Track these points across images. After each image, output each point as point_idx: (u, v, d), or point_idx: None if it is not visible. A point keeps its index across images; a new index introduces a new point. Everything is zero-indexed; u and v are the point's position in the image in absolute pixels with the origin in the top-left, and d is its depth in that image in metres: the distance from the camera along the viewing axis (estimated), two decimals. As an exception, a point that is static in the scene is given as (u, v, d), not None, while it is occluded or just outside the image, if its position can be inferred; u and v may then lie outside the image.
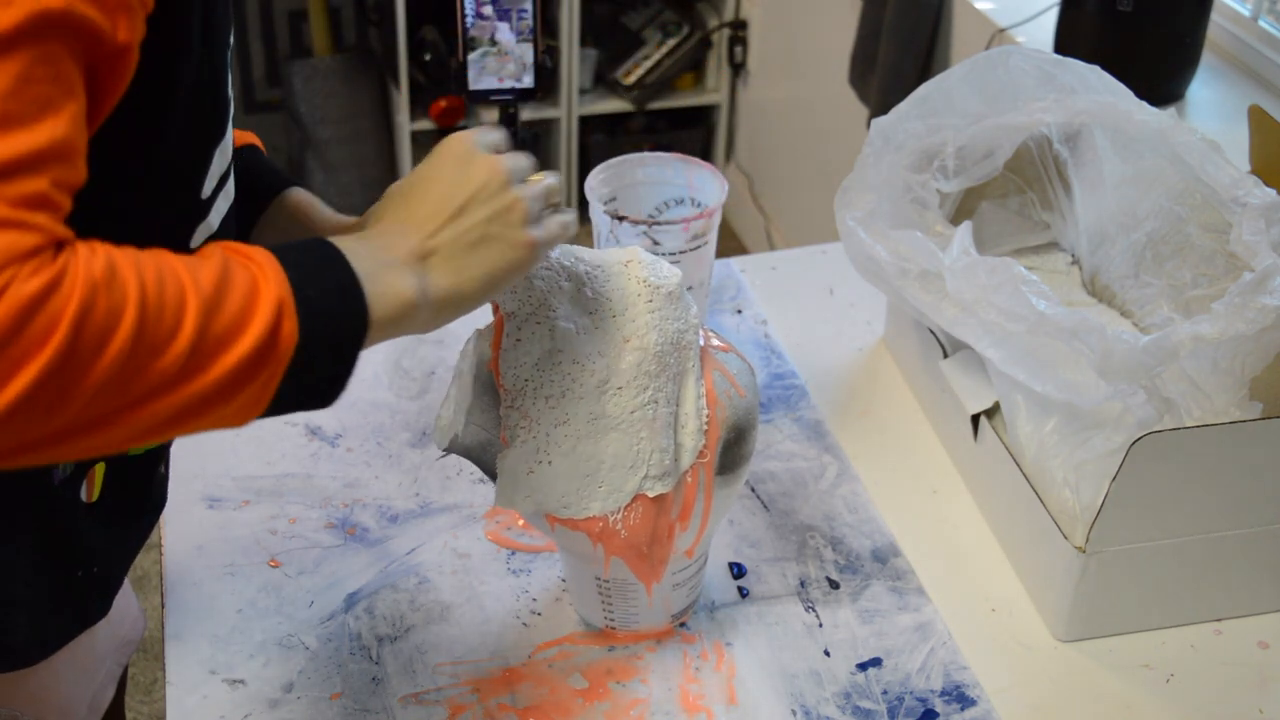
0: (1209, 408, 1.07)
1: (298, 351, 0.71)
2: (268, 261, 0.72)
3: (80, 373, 0.62)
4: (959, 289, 1.08)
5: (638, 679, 1.04)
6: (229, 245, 0.74)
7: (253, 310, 0.69)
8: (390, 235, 0.81)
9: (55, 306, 0.61)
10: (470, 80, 2.12)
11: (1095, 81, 1.24)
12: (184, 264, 0.69)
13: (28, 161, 0.62)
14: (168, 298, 0.65)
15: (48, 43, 0.63)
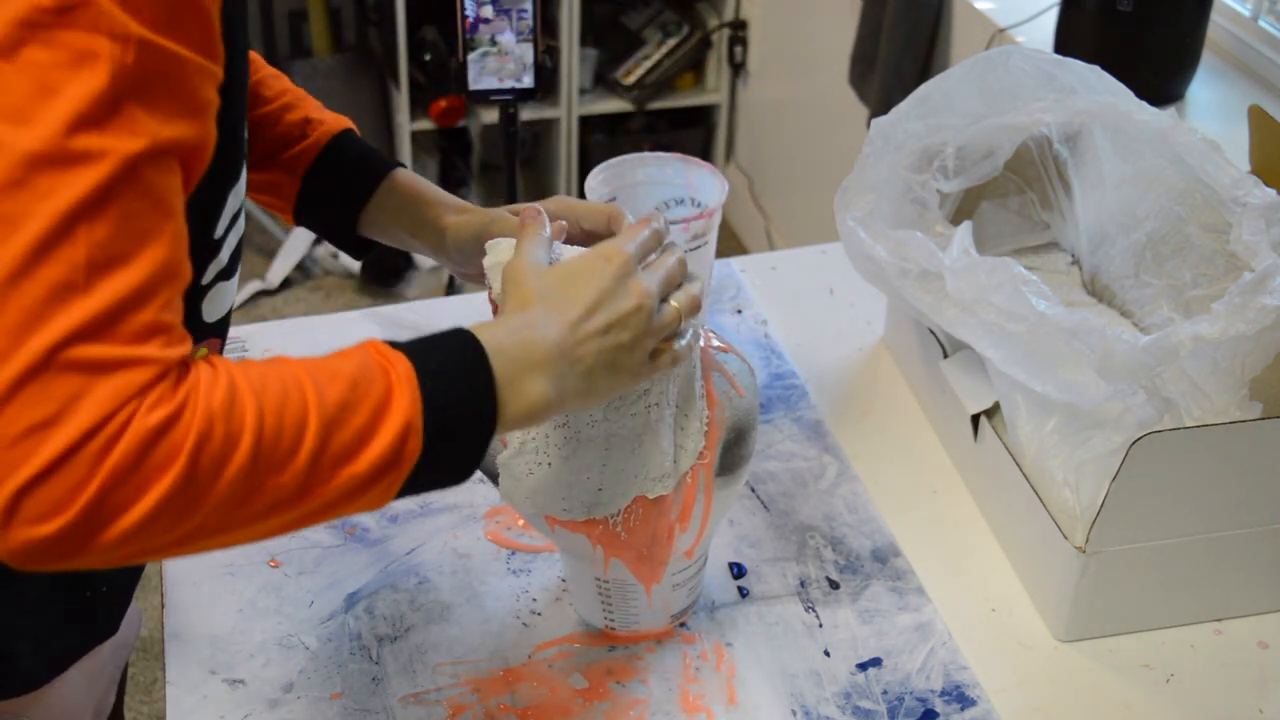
0: (1209, 408, 1.07)
1: (421, 461, 0.74)
2: (404, 374, 0.74)
3: (199, 495, 0.66)
4: (959, 289, 1.08)
5: (638, 679, 1.04)
6: (372, 347, 0.76)
7: (377, 429, 0.72)
8: (539, 328, 0.82)
9: (175, 439, 0.65)
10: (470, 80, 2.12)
11: (1095, 81, 1.24)
12: (312, 378, 0.71)
13: (134, 298, 0.65)
14: (287, 420, 0.69)
15: (142, 178, 0.66)
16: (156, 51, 0.65)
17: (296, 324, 1.40)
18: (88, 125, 0.63)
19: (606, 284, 0.85)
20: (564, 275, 0.85)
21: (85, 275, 0.63)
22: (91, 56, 0.63)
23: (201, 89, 0.69)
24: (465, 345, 0.79)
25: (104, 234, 0.64)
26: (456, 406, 0.76)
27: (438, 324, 1.44)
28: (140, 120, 0.65)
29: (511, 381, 0.79)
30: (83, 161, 0.63)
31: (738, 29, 3.31)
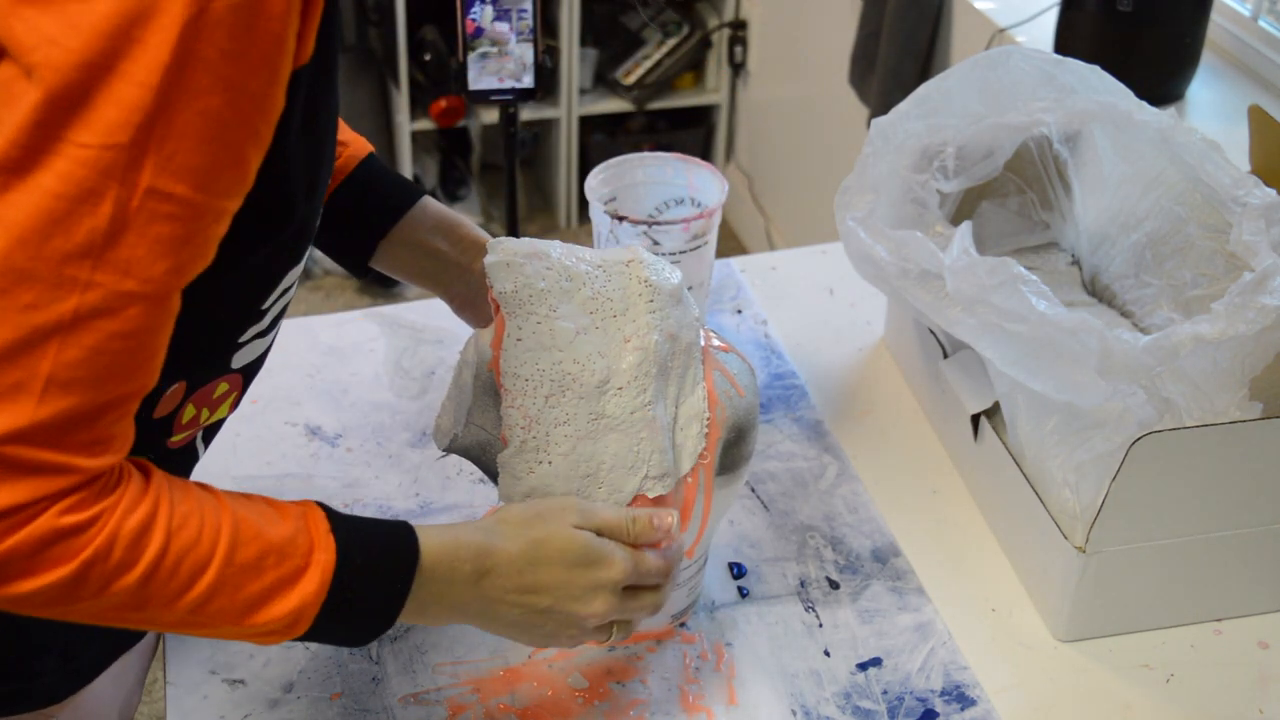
0: (1209, 408, 1.07)
1: (306, 636, 0.78)
2: (323, 562, 0.77)
3: (81, 596, 0.70)
4: (959, 289, 1.08)
5: (638, 679, 1.04)
6: (313, 519, 0.78)
7: (271, 601, 0.75)
8: (480, 579, 0.85)
9: (73, 546, 0.68)
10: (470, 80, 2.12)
11: (1095, 81, 1.24)
12: (233, 531, 0.74)
13: (83, 419, 0.67)
14: (185, 566, 0.72)
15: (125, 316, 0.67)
16: (169, 199, 0.66)
17: (297, 324, 1.40)
18: (81, 258, 0.64)
19: (580, 582, 0.87)
20: (566, 550, 0.87)
21: (43, 387, 0.65)
22: (100, 198, 0.64)
23: (213, 227, 0.69)
24: (401, 553, 0.82)
25: (72, 358, 0.65)
26: (359, 606, 0.80)
27: (438, 324, 1.45)
28: (139, 261, 0.66)
29: (423, 603, 0.83)
30: (70, 287, 0.64)
31: (738, 29, 3.31)
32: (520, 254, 0.95)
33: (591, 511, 0.89)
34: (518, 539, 0.86)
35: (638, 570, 0.90)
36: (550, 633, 0.89)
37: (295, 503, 0.80)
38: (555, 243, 0.98)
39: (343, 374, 1.35)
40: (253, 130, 0.68)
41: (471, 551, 0.84)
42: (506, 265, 0.94)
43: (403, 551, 0.82)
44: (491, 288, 0.93)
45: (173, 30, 0.63)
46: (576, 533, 0.88)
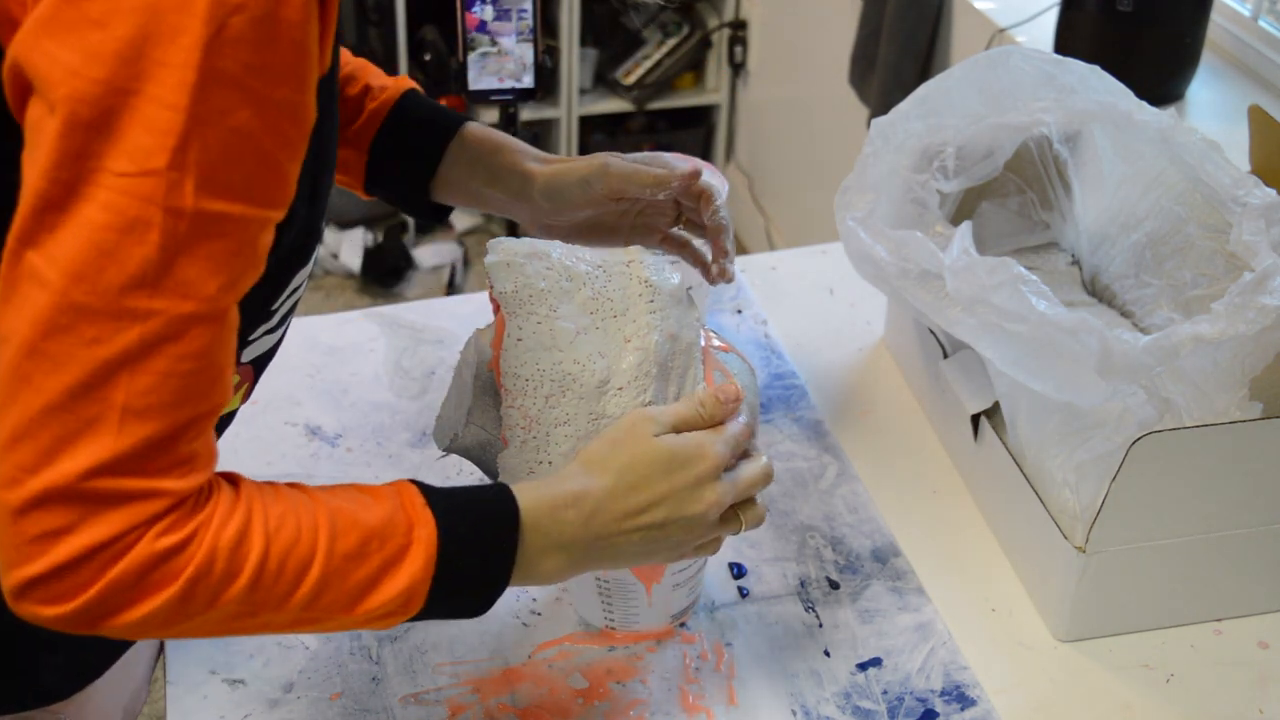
0: (1209, 408, 1.07)
1: (421, 614, 0.78)
2: (424, 537, 0.77)
3: (191, 613, 0.70)
4: (959, 289, 1.08)
5: (638, 679, 1.04)
6: (406, 497, 0.78)
7: (380, 584, 0.75)
8: (587, 511, 0.84)
9: (176, 566, 0.69)
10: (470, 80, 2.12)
11: (1095, 81, 1.24)
12: (330, 522, 0.74)
13: (163, 442, 0.67)
14: (290, 565, 0.72)
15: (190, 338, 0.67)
16: (220, 220, 0.66)
17: (297, 324, 1.40)
18: (138, 288, 0.64)
19: (682, 483, 0.87)
20: (649, 457, 0.87)
21: (119, 417, 0.65)
22: (147, 226, 0.64)
23: (261, 237, 0.69)
24: (501, 514, 0.81)
25: (144, 385, 0.66)
26: (470, 574, 0.79)
27: (438, 324, 1.45)
28: (194, 282, 0.66)
29: (532, 558, 0.82)
30: (130, 319, 0.65)
31: (738, 29, 3.31)
32: (520, 254, 0.95)
33: (662, 415, 0.89)
34: (607, 471, 0.85)
35: (730, 447, 0.89)
36: (679, 541, 0.88)
37: (388, 484, 0.80)
38: (555, 243, 0.98)
39: (343, 374, 1.35)
40: (286, 140, 0.68)
41: (569, 498, 0.84)
42: (507, 265, 0.94)
43: (502, 512, 0.81)
44: (491, 288, 0.93)
45: (195, 50, 0.62)
46: (657, 441, 0.87)
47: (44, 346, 0.64)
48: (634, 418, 0.89)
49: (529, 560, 0.82)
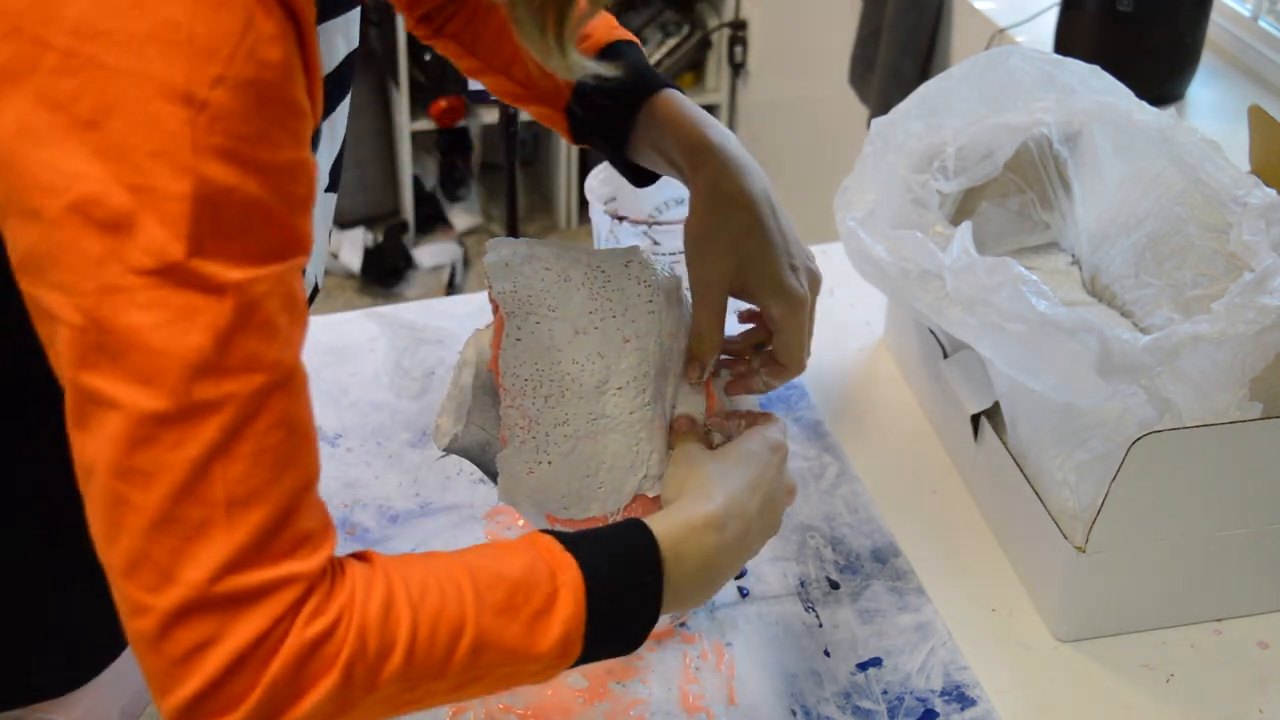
0: (1209, 408, 1.07)
1: (578, 661, 0.76)
2: (570, 582, 0.75)
3: (355, 698, 0.68)
4: (959, 289, 1.08)
5: (638, 679, 1.04)
6: (543, 545, 0.76)
7: (535, 637, 0.73)
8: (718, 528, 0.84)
9: (330, 651, 0.67)
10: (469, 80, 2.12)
11: (1095, 81, 1.24)
12: (473, 581, 0.72)
13: (277, 523, 0.66)
14: (441, 630, 0.70)
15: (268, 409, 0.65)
16: (256, 285, 0.64)
17: (296, 324, 1.40)
18: (202, 377, 0.63)
19: (773, 475, 0.89)
20: (741, 458, 0.88)
21: (226, 512, 0.64)
22: (191, 312, 0.62)
23: (296, 286, 0.68)
24: (642, 549, 0.80)
25: (239, 471, 0.64)
26: (622, 610, 0.78)
27: (438, 324, 1.45)
28: (254, 354, 0.64)
29: (678, 586, 0.81)
30: (206, 411, 0.63)
31: (738, 29, 3.31)
32: (520, 254, 0.95)
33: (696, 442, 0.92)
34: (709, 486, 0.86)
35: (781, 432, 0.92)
36: (774, 527, 0.91)
37: (519, 538, 0.78)
38: (554, 242, 0.98)
39: (343, 374, 1.35)
40: (296, 199, 0.67)
41: (701, 520, 0.83)
42: (506, 265, 0.94)
43: (640, 544, 0.80)
44: (490, 288, 0.93)
45: (183, 134, 0.61)
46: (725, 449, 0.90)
47: (130, 463, 0.63)
48: (684, 450, 0.91)
49: (677, 587, 0.81)
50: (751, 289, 0.94)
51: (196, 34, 0.60)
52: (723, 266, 0.93)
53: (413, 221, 3.50)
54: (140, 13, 0.60)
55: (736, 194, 0.93)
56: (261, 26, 0.62)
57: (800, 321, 0.96)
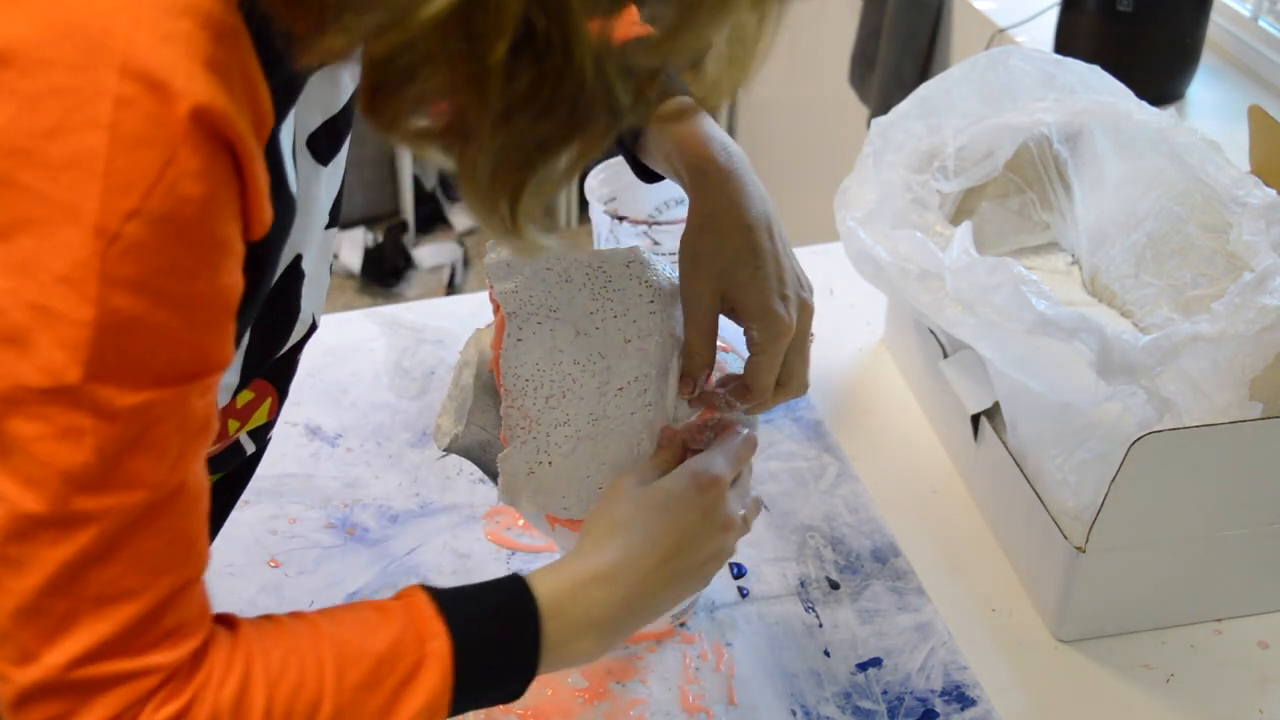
0: (1209, 408, 1.07)
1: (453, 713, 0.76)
2: (438, 651, 0.74)
3: None
4: (959, 289, 1.08)
5: (638, 679, 1.04)
6: (415, 612, 0.76)
7: (395, 710, 0.73)
8: (611, 582, 0.83)
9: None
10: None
11: (1095, 81, 1.24)
12: (336, 657, 0.72)
13: (148, 619, 0.66)
14: (298, 710, 0.70)
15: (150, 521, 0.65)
16: (152, 409, 0.63)
17: (296, 324, 1.40)
18: (83, 491, 0.62)
19: (696, 519, 0.86)
20: (655, 504, 0.86)
21: (95, 606, 0.64)
22: (78, 432, 0.61)
23: (202, 403, 0.66)
24: (518, 610, 0.80)
25: (113, 574, 0.64)
26: (491, 677, 0.78)
27: (438, 324, 1.45)
28: (140, 473, 0.64)
29: (559, 645, 0.80)
30: (83, 521, 0.63)
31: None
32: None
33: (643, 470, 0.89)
34: (615, 535, 0.85)
35: (730, 462, 0.90)
36: (707, 572, 0.89)
37: (398, 596, 0.78)
38: (554, 241, 0.98)
39: (343, 374, 1.35)
40: (212, 323, 0.65)
41: (590, 575, 0.83)
42: (507, 265, 0.94)
43: (519, 608, 0.80)
44: (491, 288, 0.93)
45: (90, 263, 0.59)
46: (651, 488, 0.87)
47: (6, 552, 0.63)
48: (618, 479, 0.89)
49: (559, 646, 0.80)
50: (738, 313, 0.94)
51: (114, 167, 0.58)
52: (711, 289, 0.93)
53: (413, 221, 3.50)
54: (59, 140, 0.58)
55: (733, 218, 0.93)
56: (185, 163, 0.59)
57: (777, 350, 0.93)
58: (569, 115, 0.63)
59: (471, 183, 0.66)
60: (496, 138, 0.64)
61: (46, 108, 0.58)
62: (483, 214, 0.67)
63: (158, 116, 0.58)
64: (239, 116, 0.61)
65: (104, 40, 0.58)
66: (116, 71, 0.58)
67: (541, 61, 0.61)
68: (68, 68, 0.58)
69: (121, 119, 0.58)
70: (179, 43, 0.59)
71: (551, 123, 0.63)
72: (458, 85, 0.61)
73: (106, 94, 0.57)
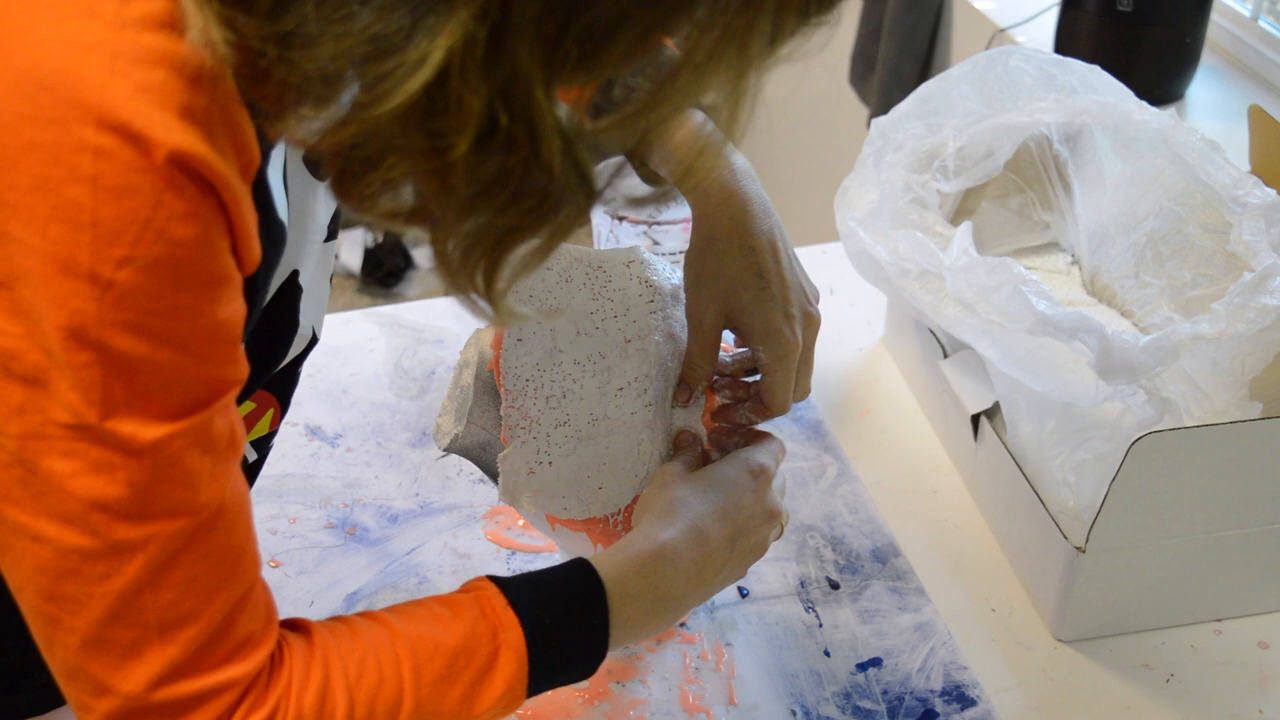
0: (1209, 408, 1.07)
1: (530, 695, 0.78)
2: (512, 641, 0.76)
3: None
4: (959, 289, 1.08)
5: (638, 679, 1.04)
6: (486, 603, 0.77)
7: (477, 698, 0.75)
8: (676, 561, 0.85)
9: None
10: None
11: (1095, 81, 1.24)
12: (412, 654, 0.73)
13: (213, 637, 0.66)
14: (379, 710, 0.71)
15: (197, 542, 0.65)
16: (174, 441, 0.63)
17: (296, 324, 1.40)
18: (123, 521, 0.63)
19: (750, 502, 0.88)
20: (712, 484, 0.88)
21: (159, 632, 0.65)
22: (109, 467, 0.62)
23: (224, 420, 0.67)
24: (586, 592, 0.81)
25: (169, 599, 0.65)
26: (565, 659, 0.79)
27: (438, 324, 1.44)
28: (176, 501, 0.64)
29: (627, 623, 0.82)
30: (130, 550, 0.63)
31: (738, 29, 3.31)
32: (520, 254, 0.94)
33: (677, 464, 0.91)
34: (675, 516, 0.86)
35: (776, 457, 0.92)
36: (753, 559, 0.91)
37: (465, 588, 0.79)
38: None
39: (343, 374, 1.35)
40: (216, 354, 0.65)
41: (652, 554, 0.84)
42: (506, 265, 0.93)
43: (587, 590, 0.81)
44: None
45: (87, 311, 0.59)
46: (703, 472, 0.89)
47: (60, 590, 0.64)
48: (661, 472, 0.91)
49: (627, 624, 0.82)
50: (743, 332, 0.95)
51: (100, 217, 0.58)
52: (715, 309, 0.94)
53: (413, 221, 3.50)
54: (44, 194, 0.58)
55: (735, 240, 0.92)
56: (172, 206, 0.59)
57: (788, 368, 0.95)
58: (539, 203, 0.63)
59: (444, 263, 0.66)
60: (464, 224, 0.64)
61: (27, 163, 0.58)
62: (457, 292, 0.67)
63: (138, 166, 0.58)
64: (220, 160, 0.61)
65: (78, 93, 0.58)
66: (93, 125, 0.58)
67: (507, 153, 0.60)
68: (44, 122, 0.58)
69: (102, 171, 0.58)
70: (154, 92, 0.58)
71: (520, 209, 0.63)
72: (422, 176, 0.61)
73: (85, 147, 0.58)
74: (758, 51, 0.62)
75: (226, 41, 0.57)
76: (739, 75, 0.62)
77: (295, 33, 0.57)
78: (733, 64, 0.61)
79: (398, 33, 0.56)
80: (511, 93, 0.58)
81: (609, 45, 0.58)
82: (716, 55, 0.60)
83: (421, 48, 0.56)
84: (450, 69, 0.56)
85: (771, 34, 0.62)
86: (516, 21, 0.56)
